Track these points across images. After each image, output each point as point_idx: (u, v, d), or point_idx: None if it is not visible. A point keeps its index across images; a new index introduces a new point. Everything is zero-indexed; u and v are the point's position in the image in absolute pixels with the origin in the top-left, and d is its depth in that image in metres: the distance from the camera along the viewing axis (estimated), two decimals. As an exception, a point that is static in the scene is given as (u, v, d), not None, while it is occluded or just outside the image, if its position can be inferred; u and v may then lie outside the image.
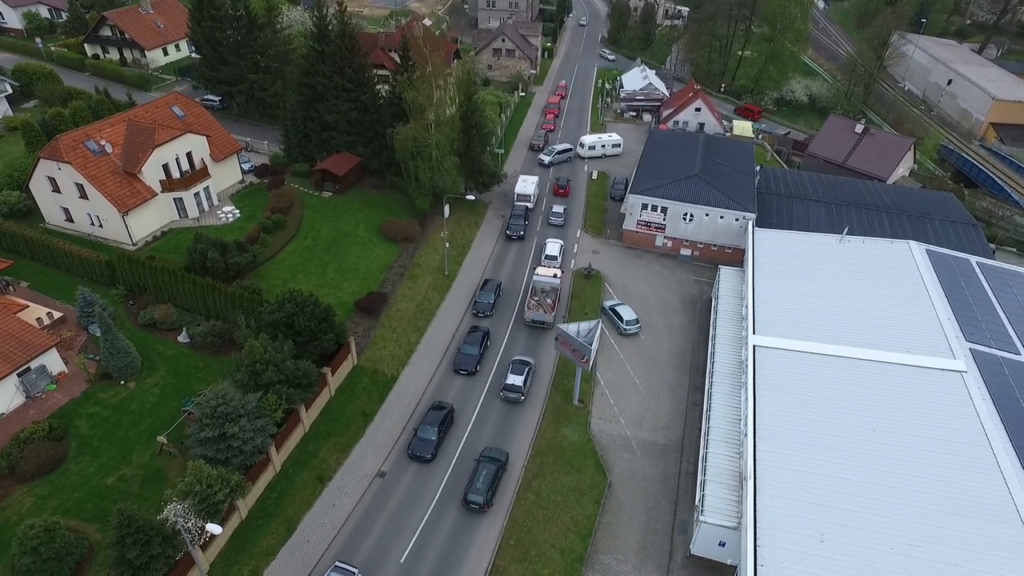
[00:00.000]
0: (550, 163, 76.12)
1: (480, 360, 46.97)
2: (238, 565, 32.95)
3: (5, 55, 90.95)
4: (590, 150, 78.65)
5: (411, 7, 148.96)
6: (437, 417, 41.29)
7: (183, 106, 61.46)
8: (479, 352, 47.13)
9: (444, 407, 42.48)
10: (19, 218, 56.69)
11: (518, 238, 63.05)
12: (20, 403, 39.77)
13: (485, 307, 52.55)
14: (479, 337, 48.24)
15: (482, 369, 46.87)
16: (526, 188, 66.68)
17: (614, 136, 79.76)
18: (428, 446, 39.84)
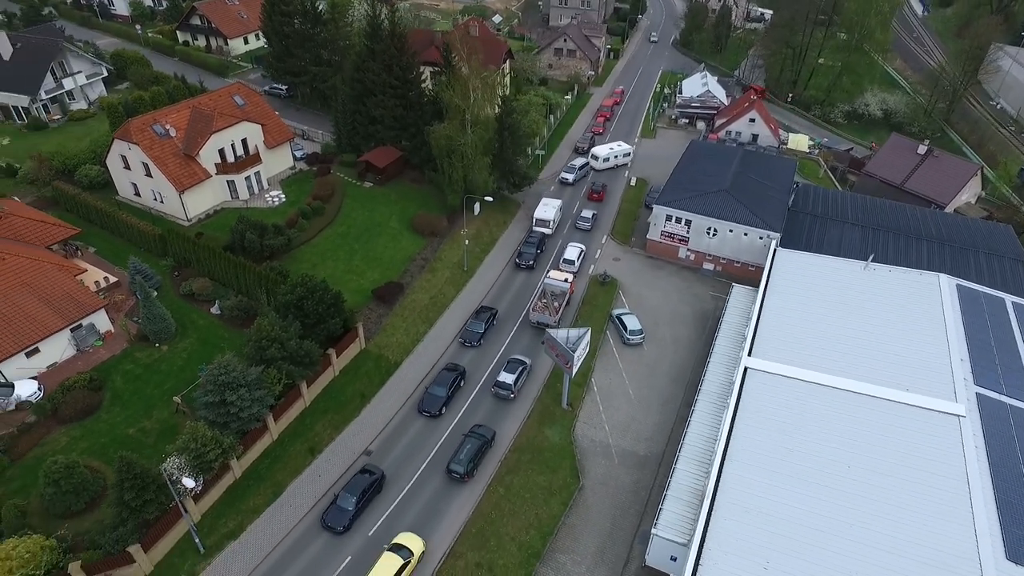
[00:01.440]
0: (574, 181, 73.33)
1: (448, 402, 44.33)
2: (225, 519, 36.76)
3: (110, 39, 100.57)
4: (604, 162, 75.87)
5: (486, 3, 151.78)
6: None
7: (244, 96, 66.59)
8: (447, 394, 44.40)
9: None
10: (97, 190, 63.41)
11: (526, 267, 59.37)
12: (71, 355, 45.39)
13: (473, 337, 50.12)
14: (450, 378, 45.47)
15: (449, 411, 44.70)
16: (546, 213, 63.45)
17: (623, 145, 78.00)
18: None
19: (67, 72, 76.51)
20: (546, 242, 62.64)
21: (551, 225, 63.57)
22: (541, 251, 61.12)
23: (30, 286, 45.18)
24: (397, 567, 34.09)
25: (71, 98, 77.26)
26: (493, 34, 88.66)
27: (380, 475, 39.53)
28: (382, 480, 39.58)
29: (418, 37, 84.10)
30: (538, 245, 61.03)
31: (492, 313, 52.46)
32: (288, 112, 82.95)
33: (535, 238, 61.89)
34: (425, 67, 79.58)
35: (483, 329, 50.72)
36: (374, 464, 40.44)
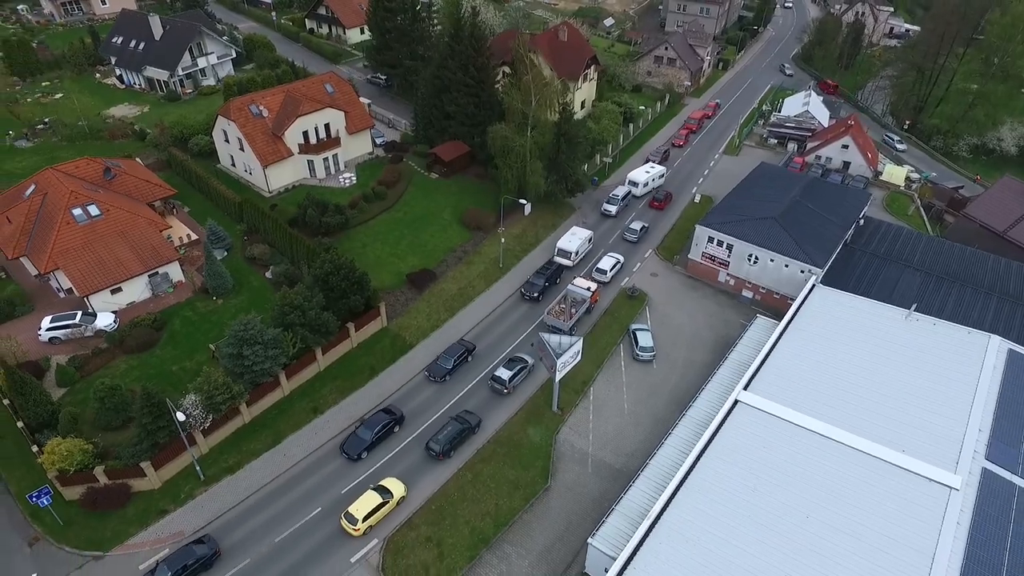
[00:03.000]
0: (617, 213, 68.95)
1: (370, 447, 42.57)
2: (227, 455, 42.36)
3: (251, 24, 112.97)
4: (644, 188, 72.02)
5: (608, 3, 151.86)
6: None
7: (335, 84, 73.15)
8: (372, 438, 42.67)
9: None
10: (204, 158, 72.66)
11: (531, 299, 56.55)
12: (146, 297, 53.46)
13: (440, 371, 48.07)
14: (380, 420, 43.46)
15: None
16: (570, 244, 60.22)
17: (657, 167, 73.96)
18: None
19: (202, 52, 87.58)
20: (562, 274, 59.19)
21: (573, 257, 60.25)
22: (553, 284, 58.04)
23: (124, 235, 53.62)
24: (376, 504, 38.57)
25: (203, 75, 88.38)
26: (582, 39, 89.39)
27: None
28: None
29: (510, 38, 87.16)
30: (550, 277, 57.69)
31: (467, 349, 50.00)
32: (383, 101, 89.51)
33: (549, 269, 58.58)
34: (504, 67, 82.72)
35: (452, 365, 48.52)
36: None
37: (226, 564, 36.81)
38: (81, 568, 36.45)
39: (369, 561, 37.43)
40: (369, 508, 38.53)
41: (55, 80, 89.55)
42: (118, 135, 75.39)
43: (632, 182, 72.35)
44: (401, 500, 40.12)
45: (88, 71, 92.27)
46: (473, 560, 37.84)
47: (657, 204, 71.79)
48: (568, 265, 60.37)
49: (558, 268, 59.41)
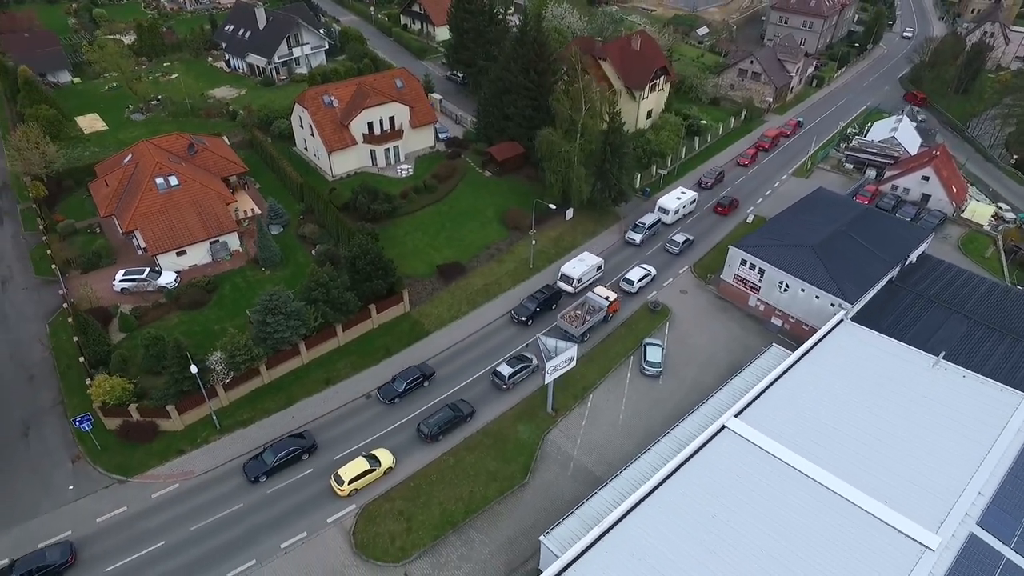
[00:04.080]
0: (641, 242, 65.80)
1: (270, 472, 42.30)
2: (243, 411, 47.10)
3: (351, 17, 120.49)
4: (675, 215, 69.11)
5: (709, 11, 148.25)
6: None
7: (405, 80, 77.39)
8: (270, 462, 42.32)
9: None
10: (283, 140, 79.25)
11: (519, 322, 55.15)
12: (206, 261, 59.74)
13: (390, 393, 47.82)
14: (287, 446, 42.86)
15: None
16: (574, 270, 58.30)
17: (689, 193, 70.76)
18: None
19: (298, 43, 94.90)
20: (559, 300, 57.52)
21: (575, 284, 58.13)
22: (548, 309, 56.37)
23: (195, 205, 60.11)
24: (363, 469, 42.00)
25: (297, 64, 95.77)
26: (656, 48, 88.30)
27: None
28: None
29: (586, 44, 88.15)
30: (544, 302, 56.02)
31: (423, 374, 49.13)
32: (458, 98, 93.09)
33: (545, 294, 56.87)
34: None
35: (403, 388, 48.09)
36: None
37: (222, 506, 41.26)
38: (107, 488, 42.17)
39: (343, 523, 40.67)
40: (356, 472, 41.82)
41: (175, 61, 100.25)
42: (214, 114, 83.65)
43: (662, 209, 68.85)
44: (388, 470, 43.13)
45: (203, 55, 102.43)
46: (437, 539, 40.14)
47: (721, 209, 71.64)
48: (569, 292, 58.36)
49: (556, 293, 57.47)
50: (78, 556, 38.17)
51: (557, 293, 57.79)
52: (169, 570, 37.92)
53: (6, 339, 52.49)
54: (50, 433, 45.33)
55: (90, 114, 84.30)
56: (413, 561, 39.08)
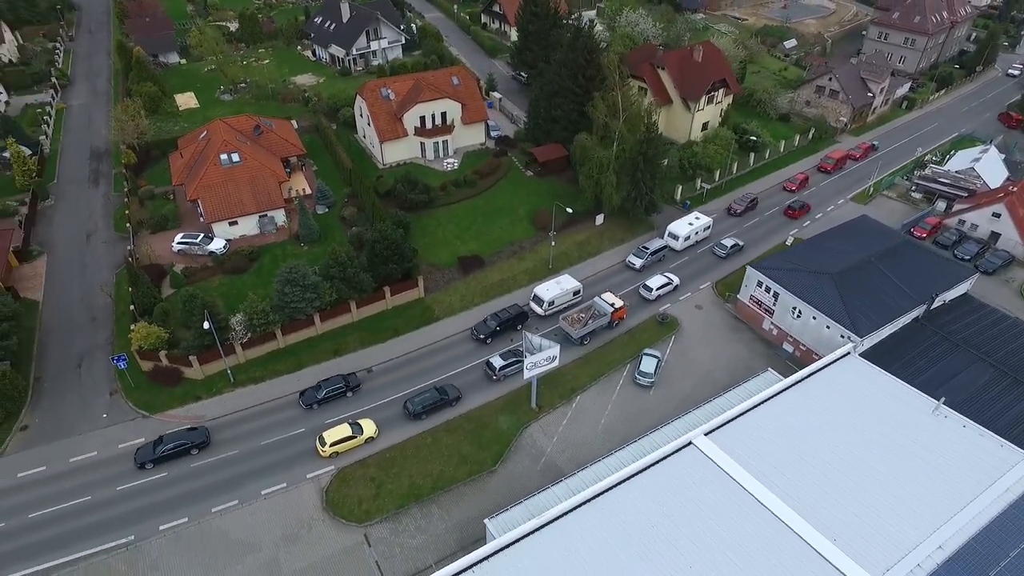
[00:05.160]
0: (642, 267, 63.83)
1: None
2: (256, 369, 52.07)
3: (436, 14, 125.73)
4: (685, 242, 66.44)
5: (805, 23, 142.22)
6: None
7: (461, 78, 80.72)
8: None
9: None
10: (347, 127, 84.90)
11: (477, 339, 54.55)
12: (253, 233, 65.72)
13: (310, 399, 48.48)
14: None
15: None
16: (547, 292, 56.70)
17: (704, 219, 68.12)
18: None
19: (377, 36, 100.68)
20: (525, 321, 56.14)
21: (546, 307, 56.52)
22: (512, 329, 55.42)
23: (251, 181, 66.16)
24: (345, 435, 45.77)
25: (373, 56, 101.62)
26: (721, 61, 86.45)
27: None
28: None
29: (646, 51, 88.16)
30: (505, 322, 54.97)
31: (347, 385, 49.79)
32: (519, 98, 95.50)
33: (510, 313, 55.86)
34: (633, 81, 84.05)
35: (322, 396, 48.91)
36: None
37: (220, 451, 46.17)
38: (132, 420, 48.26)
39: (320, 481, 44.46)
40: (339, 437, 45.54)
41: (268, 48, 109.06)
42: (290, 99, 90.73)
43: (672, 235, 66.37)
44: (369, 439, 46.57)
45: (294, 44, 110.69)
46: (400, 508, 43.09)
47: (792, 212, 72.04)
48: (539, 313, 56.97)
49: (522, 314, 56.31)
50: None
51: (523, 314, 56.64)
52: (166, 497, 43.15)
53: (81, 284, 60.48)
54: (98, 368, 52.18)
55: (187, 93, 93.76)
56: (374, 524, 42.22)
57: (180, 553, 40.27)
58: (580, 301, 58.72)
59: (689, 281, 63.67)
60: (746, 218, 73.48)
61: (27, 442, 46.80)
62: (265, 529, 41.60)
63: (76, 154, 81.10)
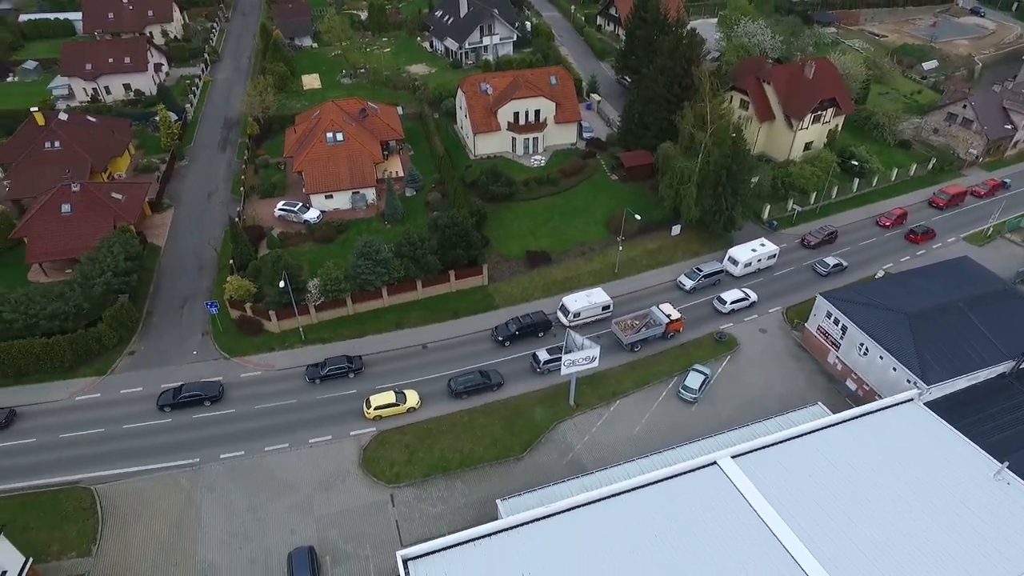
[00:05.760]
0: (691, 289, 61.96)
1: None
2: (325, 331, 56.95)
3: (553, 14, 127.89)
4: (745, 268, 63.42)
5: (955, 43, 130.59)
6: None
7: (560, 78, 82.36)
8: None
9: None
10: (449, 117, 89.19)
11: (495, 340, 55.69)
12: (345, 208, 71.24)
13: (314, 374, 51.63)
14: None
15: None
16: (574, 303, 56.70)
17: (769, 247, 64.56)
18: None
19: (490, 32, 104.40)
20: (549, 330, 56.46)
21: (571, 318, 56.38)
22: (532, 335, 55.95)
23: (349, 160, 71.71)
24: (389, 401, 49.35)
25: (484, 52, 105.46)
26: (835, 79, 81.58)
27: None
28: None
29: (754, 64, 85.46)
30: (526, 327, 55.56)
31: (350, 367, 52.08)
32: (619, 102, 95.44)
33: (531, 319, 56.28)
34: (735, 93, 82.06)
35: (324, 372, 51.75)
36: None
37: (282, 398, 51.20)
38: (215, 360, 54.60)
39: (360, 440, 48.26)
40: (383, 402, 49.18)
41: (391, 37, 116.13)
42: (401, 87, 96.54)
43: (732, 259, 63.75)
44: (411, 409, 49.82)
45: (416, 35, 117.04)
46: (427, 477, 45.92)
47: (915, 238, 69.65)
48: (564, 323, 56.77)
49: (545, 322, 56.50)
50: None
51: (547, 322, 56.82)
52: (228, 431, 48.68)
53: (195, 238, 68.59)
54: (196, 311, 59.27)
55: (313, 74, 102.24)
56: (401, 487, 45.36)
57: (232, 481, 45.48)
58: (609, 316, 58.16)
59: (763, 301, 61.68)
60: (825, 249, 69.16)
61: (132, 365, 54.33)
62: (306, 473, 45.94)
63: (212, 123, 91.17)
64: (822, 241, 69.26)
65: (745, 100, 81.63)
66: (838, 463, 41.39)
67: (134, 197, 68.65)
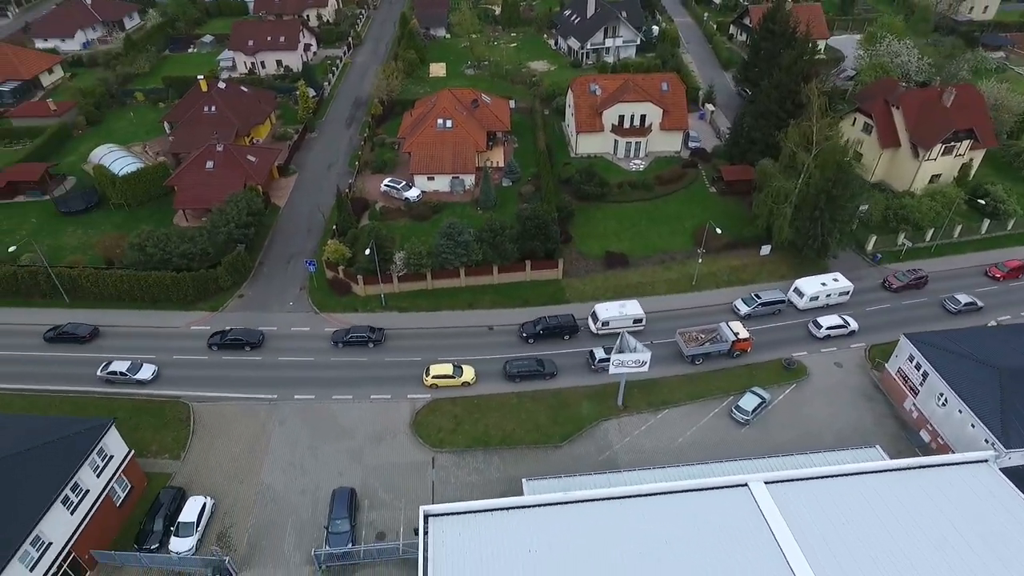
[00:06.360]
0: (747, 315, 59.64)
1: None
2: (403, 300, 61.55)
3: (685, 19, 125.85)
4: (811, 301, 60.03)
5: None
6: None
7: (671, 84, 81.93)
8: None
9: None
10: (558, 114, 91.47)
11: (521, 337, 57.23)
12: (445, 190, 75.76)
13: (339, 337, 56.47)
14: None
15: None
16: (606, 312, 57.12)
17: (841, 282, 60.53)
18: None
19: (614, 35, 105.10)
20: (575, 334, 57.35)
21: (599, 326, 56.98)
22: (557, 337, 56.99)
23: (454, 146, 76.15)
24: (446, 373, 53.01)
25: (606, 53, 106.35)
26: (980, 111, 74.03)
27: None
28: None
29: (886, 86, 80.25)
30: (551, 328, 56.92)
31: (369, 337, 56.54)
32: (735, 114, 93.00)
33: (558, 321, 57.30)
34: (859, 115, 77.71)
35: (346, 338, 56.87)
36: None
37: (355, 355, 56.28)
38: (307, 313, 60.91)
39: (415, 403, 52.19)
40: (440, 372, 52.83)
41: (520, 33, 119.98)
42: (518, 81, 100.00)
43: (797, 291, 60.94)
44: (466, 384, 53.05)
45: (544, 32, 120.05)
46: (468, 448, 48.91)
47: (1000, 274, 65.10)
48: (592, 330, 57.47)
49: (571, 326, 57.29)
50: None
51: (573, 326, 57.47)
52: (302, 376, 54.46)
53: (311, 202, 76.08)
54: (298, 268, 66.14)
55: (440, 63, 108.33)
56: (443, 452, 48.69)
57: (300, 420, 51.05)
58: (640, 330, 57.48)
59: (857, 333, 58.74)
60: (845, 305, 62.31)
61: (239, 306, 61.96)
62: (362, 424, 50.58)
63: (344, 101, 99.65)
64: (907, 285, 63.58)
65: (869, 124, 76.76)
66: (881, 510, 39.42)
67: (265, 161, 77.33)
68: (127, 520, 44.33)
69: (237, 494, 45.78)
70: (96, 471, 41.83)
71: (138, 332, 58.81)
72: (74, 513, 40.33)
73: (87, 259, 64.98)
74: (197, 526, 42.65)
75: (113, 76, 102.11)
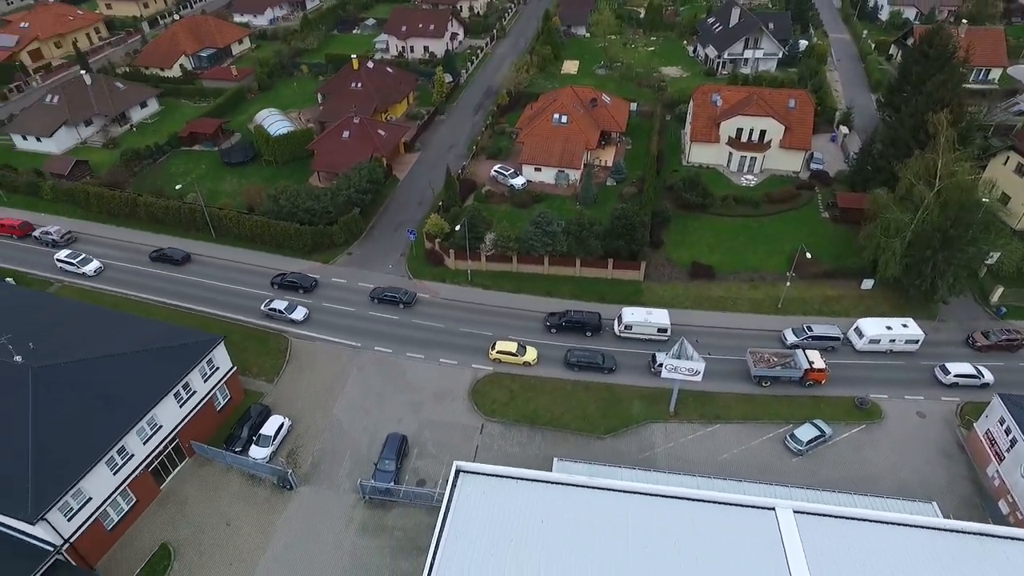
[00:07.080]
0: (792, 345, 56.93)
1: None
2: (487, 279, 65.40)
3: (842, 36, 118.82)
4: (871, 344, 56.07)
5: None
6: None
7: (799, 101, 78.94)
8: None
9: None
10: (679, 121, 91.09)
11: (546, 326, 59.55)
12: (549, 182, 78.74)
13: (379, 294, 62.53)
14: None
15: None
16: (631, 316, 58.05)
17: (911, 328, 55.69)
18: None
19: (755, 46, 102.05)
20: (596, 331, 58.71)
21: (622, 329, 58.12)
22: (577, 329, 58.89)
23: (565, 141, 78.81)
24: (510, 350, 56.35)
25: (743, 64, 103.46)
26: None
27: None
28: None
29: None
30: (573, 322, 58.95)
31: (401, 300, 61.98)
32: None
33: (581, 316, 59.24)
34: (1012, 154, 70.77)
35: (380, 297, 62.60)
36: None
37: (432, 321, 61.17)
38: (403, 277, 66.81)
39: (477, 373, 56.02)
40: (504, 349, 56.24)
41: (661, 37, 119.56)
42: (645, 85, 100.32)
43: (858, 330, 57.58)
44: (526, 363, 56.08)
45: (686, 38, 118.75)
46: (516, 422, 51.94)
47: None
48: (615, 332, 58.73)
49: (595, 324, 58.74)
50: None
51: (597, 325, 58.96)
52: (389, 332, 60.13)
53: (426, 178, 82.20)
54: (403, 236, 72.33)
55: (574, 60, 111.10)
56: (492, 422, 52.14)
57: (376, 369, 56.74)
58: (666, 340, 57.40)
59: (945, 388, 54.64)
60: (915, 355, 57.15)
61: (347, 262, 69.22)
62: (427, 383, 55.27)
63: (477, 89, 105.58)
64: (995, 346, 57.45)
65: (1021, 163, 69.33)
66: (918, 569, 37.36)
67: (394, 136, 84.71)
68: (222, 424, 52.17)
69: (311, 420, 52.22)
70: (204, 377, 49.77)
71: (252, 269, 67.60)
72: (182, 407, 48.42)
73: (235, 204, 75.40)
74: (274, 440, 49.43)
75: (287, 49, 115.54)
